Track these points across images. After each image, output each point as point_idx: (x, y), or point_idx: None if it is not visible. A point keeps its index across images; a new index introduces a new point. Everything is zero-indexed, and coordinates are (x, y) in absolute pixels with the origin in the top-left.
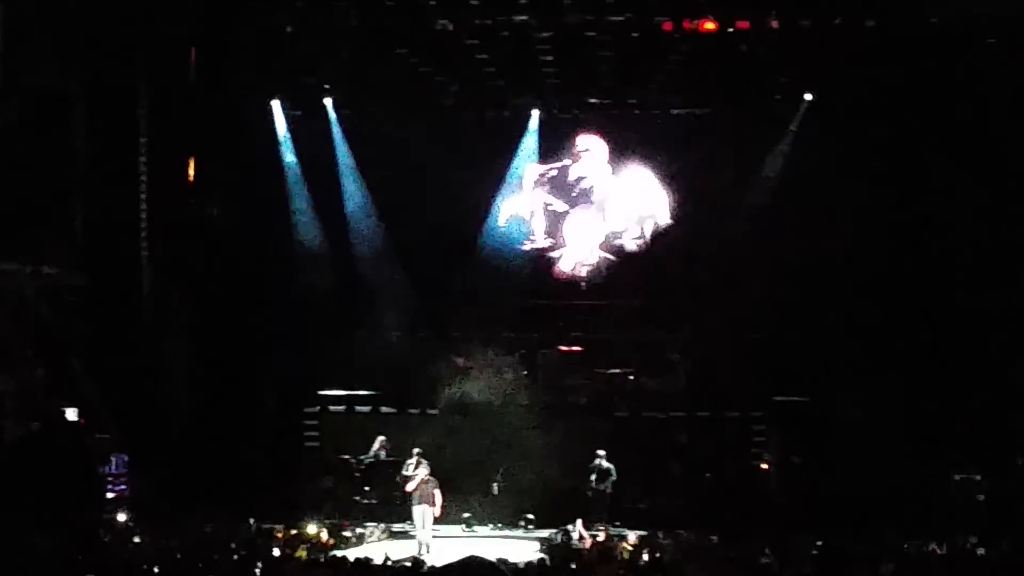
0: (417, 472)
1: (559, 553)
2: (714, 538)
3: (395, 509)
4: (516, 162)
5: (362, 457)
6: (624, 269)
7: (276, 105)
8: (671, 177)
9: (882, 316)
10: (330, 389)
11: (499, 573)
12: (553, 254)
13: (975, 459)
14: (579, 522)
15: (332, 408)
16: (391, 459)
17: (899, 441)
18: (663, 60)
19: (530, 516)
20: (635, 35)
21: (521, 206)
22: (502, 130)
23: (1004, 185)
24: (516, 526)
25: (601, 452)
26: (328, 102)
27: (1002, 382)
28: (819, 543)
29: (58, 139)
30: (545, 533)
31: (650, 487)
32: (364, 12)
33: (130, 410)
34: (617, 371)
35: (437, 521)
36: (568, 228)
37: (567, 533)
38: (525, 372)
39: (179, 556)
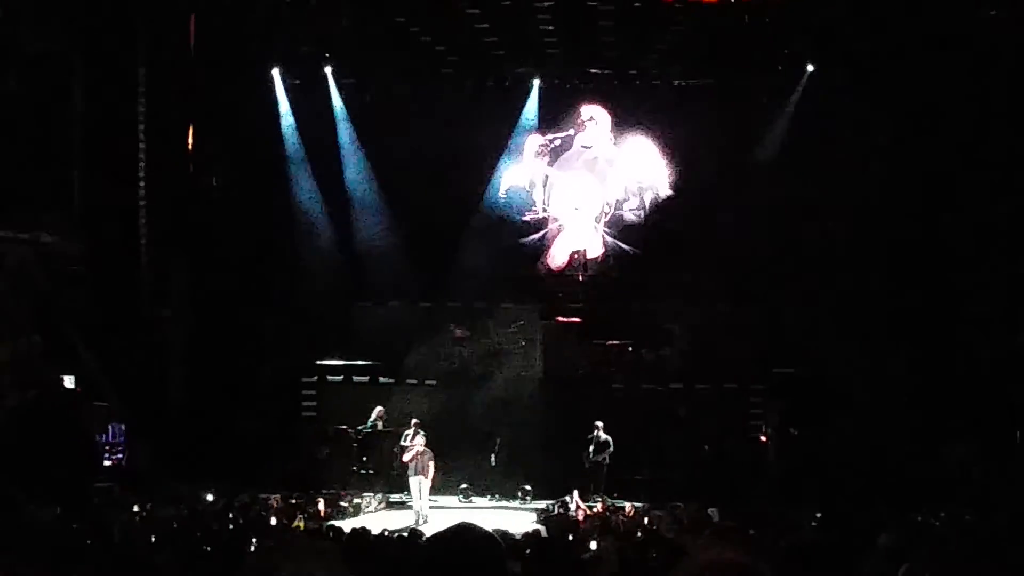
0: (413, 443)
1: (556, 524)
2: (712, 510)
3: (392, 480)
4: (517, 132)
5: (360, 427)
6: (624, 241)
7: (276, 74)
8: (672, 148)
9: (882, 288)
10: (328, 359)
11: (492, 541)
12: (549, 239)
13: (974, 432)
14: (576, 493)
15: (330, 378)
16: (389, 430)
17: (898, 413)
18: (665, 30)
19: (527, 487)
20: (637, 5)
21: (522, 176)
22: (503, 100)
23: (1009, 156)
24: (513, 497)
25: (599, 424)
26: (328, 71)
27: (1002, 355)
28: (817, 515)
29: (57, 108)
30: (542, 504)
31: (648, 459)
32: None
33: (128, 379)
34: (616, 342)
35: (431, 491)
36: (565, 202)
37: (564, 504)
38: (524, 343)
39: (175, 525)
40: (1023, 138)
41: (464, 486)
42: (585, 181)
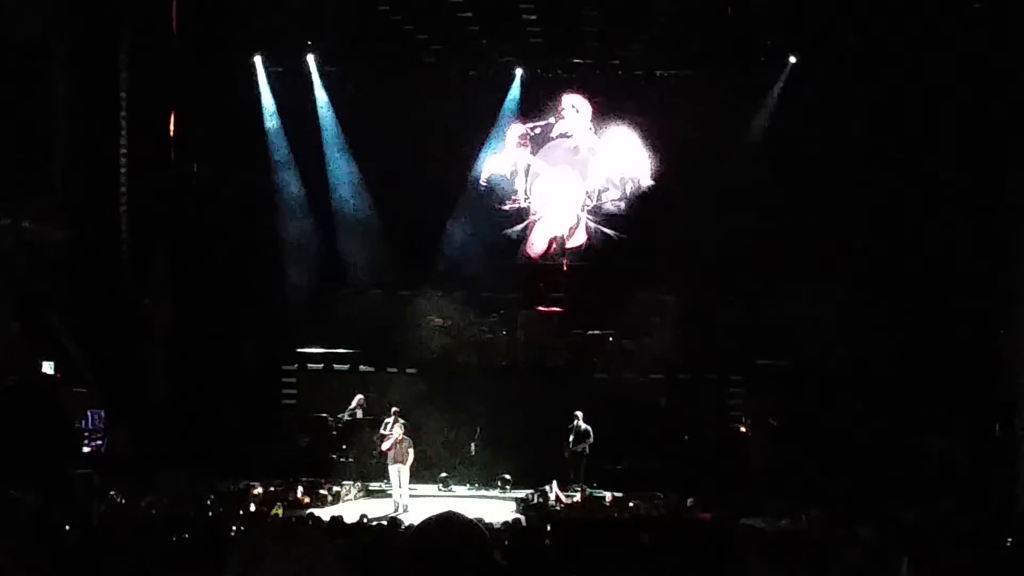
0: (392, 432)
1: (536, 514)
2: (691, 500)
3: (372, 468)
4: (499, 121)
5: (340, 415)
6: (605, 231)
7: (258, 61)
8: (653, 138)
9: (864, 281)
10: (309, 347)
11: (478, 531)
12: (529, 228)
13: (954, 425)
14: (555, 483)
15: (310, 366)
16: (369, 418)
17: (878, 406)
18: (648, 21)
19: (507, 476)
20: None
21: (503, 165)
22: (485, 89)
23: (993, 147)
24: (493, 486)
25: (579, 413)
26: (310, 59)
27: (983, 349)
28: (797, 506)
29: (38, 92)
30: (522, 494)
31: (628, 449)
32: None
33: (108, 365)
34: (596, 332)
35: (410, 479)
36: (545, 193)
37: (544, 494)
38: (504, 332)
39: (154, 512)
40: (1006, 130)
41: (444, 475)
42: (566, 174)
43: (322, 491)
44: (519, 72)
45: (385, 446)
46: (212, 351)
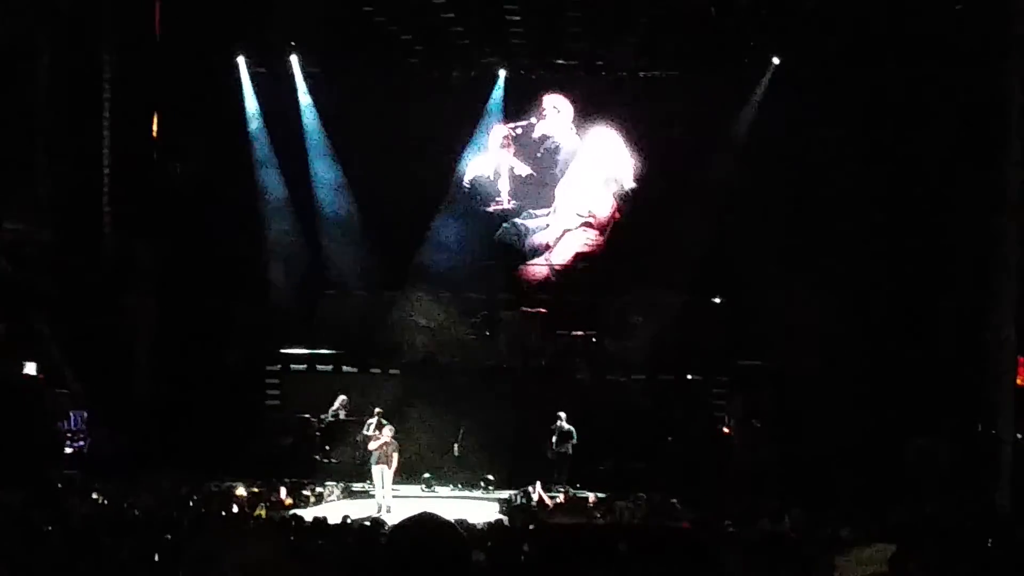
0: (382, 433)
1: (519, 514)
2: (675, 500)
3: (355, 469)
4: (482, 122)
5: (323, 416)
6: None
7: (241, 61)
8: (637, 139)
9: (847, 281)
10: (292, 347)
11: (454, 531)
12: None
13: (937, 425)
14: (538, 484)
15: (293, 367)
16: (351, 419)
17: (861, 406)
18: (631, 22)
19: (490, 477)
20: None
21: (487, 166)
22: (469, 90)
23: (975, 148)
24: (476, 487)
25: (562, 414)
26: (294, 60)
27: (966, 348)
28: (778, 507)
29: (22, 94)
30: (505, 494)
31: (611, 449)
32: None
33: (92, 366)
34: (579, 333)
35: (393, 480)
36: (565, 200)
37: (527, 495)
38: (487, 333)
39: (136, 513)
40: (989, 129)
41: (427, 475)
42: (578, 179)
43: (305, 492)
44: (503, 73)
45: (372, 446)
46: (196, 351)
